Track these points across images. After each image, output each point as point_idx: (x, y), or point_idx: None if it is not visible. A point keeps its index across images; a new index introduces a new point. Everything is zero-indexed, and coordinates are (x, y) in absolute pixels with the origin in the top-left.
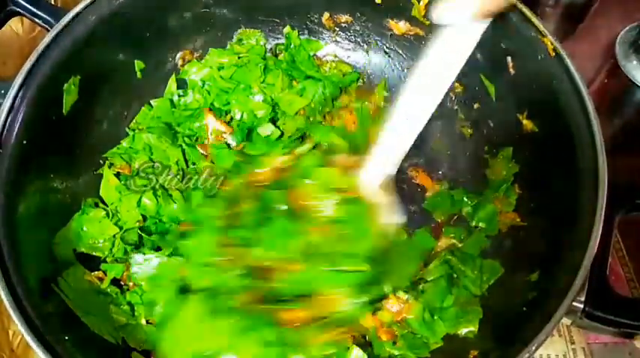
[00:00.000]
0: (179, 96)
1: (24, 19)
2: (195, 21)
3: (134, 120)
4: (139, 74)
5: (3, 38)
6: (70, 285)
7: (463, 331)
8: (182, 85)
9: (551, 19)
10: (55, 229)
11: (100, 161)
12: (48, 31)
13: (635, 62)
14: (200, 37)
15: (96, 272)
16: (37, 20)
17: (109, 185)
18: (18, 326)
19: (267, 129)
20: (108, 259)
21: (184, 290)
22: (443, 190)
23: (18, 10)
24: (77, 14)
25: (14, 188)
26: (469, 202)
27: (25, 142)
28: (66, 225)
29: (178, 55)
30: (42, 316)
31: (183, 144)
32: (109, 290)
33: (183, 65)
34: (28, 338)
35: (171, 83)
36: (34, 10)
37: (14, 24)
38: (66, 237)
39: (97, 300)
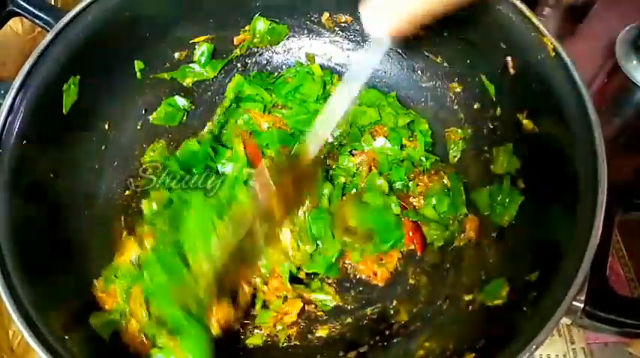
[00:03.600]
0: None
1: (24, 19)
2: (194, 21)
3: None
4: (138, 74)
5: (3, 38)
6: None
7: None
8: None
9: (551, 19)
10: (54, 226)
11: (100, 160)
12: (48, 31)
13: (635, 62)
14: (200, 36)
15: None
16: (36, 21)
17: None
18: (18, 326)
19: None
20: None
21: None
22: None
23: (18, 10)
24: (77, 14)
25: (14, 188)
26: None
27: (25, 142)
28: (64, 223)
29: (177, 55)
30: (42, 315)
31: None
32: None
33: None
34: (28, 337)
35: None
36: (34, 10)
37: (14, 24)
38: None
39: None
